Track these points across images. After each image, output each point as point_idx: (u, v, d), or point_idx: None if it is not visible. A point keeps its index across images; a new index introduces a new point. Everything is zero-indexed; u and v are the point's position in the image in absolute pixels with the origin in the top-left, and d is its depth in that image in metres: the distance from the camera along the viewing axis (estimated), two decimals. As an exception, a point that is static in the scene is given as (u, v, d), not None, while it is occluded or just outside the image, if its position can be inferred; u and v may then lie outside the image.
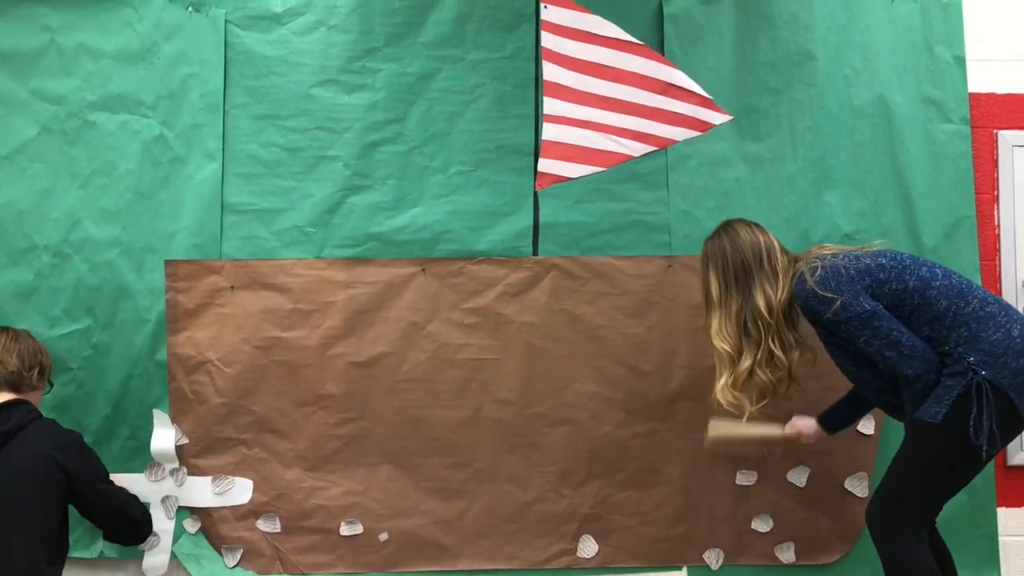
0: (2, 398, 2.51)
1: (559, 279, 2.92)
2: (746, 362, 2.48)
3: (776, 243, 2.52)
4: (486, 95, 2.96)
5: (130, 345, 2.86)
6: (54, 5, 2.95)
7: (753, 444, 2.78)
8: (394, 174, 2.95)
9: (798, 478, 2.90)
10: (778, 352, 2.47)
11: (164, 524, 2.82)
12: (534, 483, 2.90)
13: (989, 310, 2.30)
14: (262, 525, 2.88)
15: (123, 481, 2.74)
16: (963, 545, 2.66)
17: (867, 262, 2.38)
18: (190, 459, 2.87)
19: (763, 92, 2.99)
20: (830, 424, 2.69)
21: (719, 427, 2.72)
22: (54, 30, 2.95)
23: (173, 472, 2.86)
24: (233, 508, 2.88)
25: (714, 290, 2.52)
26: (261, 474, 2.88)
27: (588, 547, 2.90)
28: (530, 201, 2.93)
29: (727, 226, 2.56)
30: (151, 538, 2.79)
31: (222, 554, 2.87)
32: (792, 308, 2.48)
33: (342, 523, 2.88)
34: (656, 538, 2.89)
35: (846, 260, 2.39)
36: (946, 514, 2.51)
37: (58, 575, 2.48)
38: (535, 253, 2.93)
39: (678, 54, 2.93)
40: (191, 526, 2.87)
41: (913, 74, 3.01)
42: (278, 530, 2.88)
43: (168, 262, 2.88)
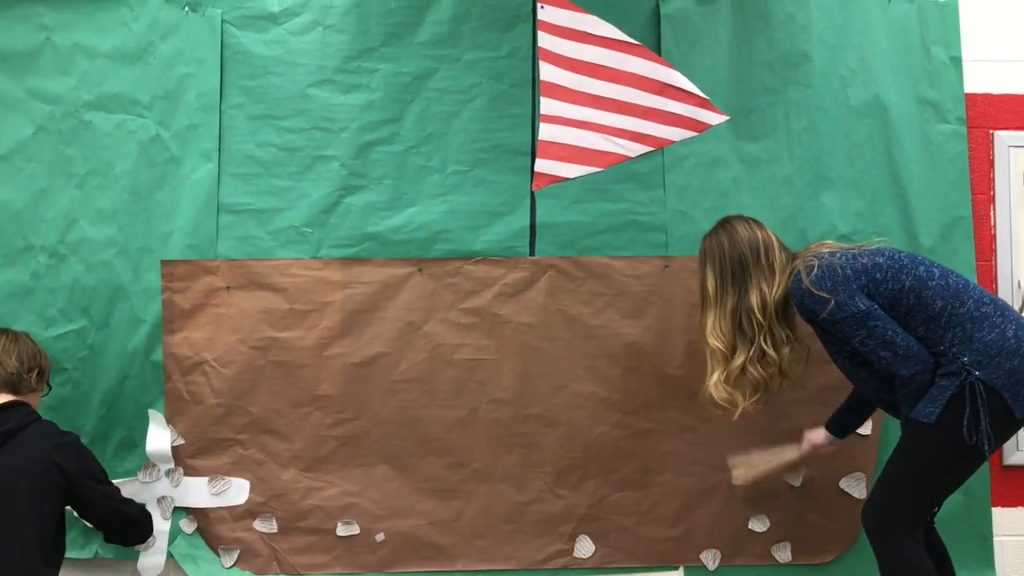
0: (1, 399, 2.50)
1: (556, 279, 2.92)
2: (739, 359, 2.48)
3: (775, 239, 2.51)
4: (483, 95, 2.96)
5: (126, 345, 2.85)
6: (50, 4, 2.93)
7: (780, 474, 2.79)
8: (391, 174, 2.94)
9: (795, 478, 2.90)
10: (769, 350, 2.48)
11: (160, 524, 2.81)
12: (531, 483, 2.90)
13: (984, 310, 2.30)
14: (259, 525, 2.88)
15: (118, 483, 2.73)
16: (958, 545, 2.66)
17: (864, 261, 2.38)
18: (186, 459, 2.87)
19: (759, 92, 2.99)
20: (838, 428, 2.68)
21: (741, 473, 2.73)
22: (50, 29, 2.93)
23: (169, 472, 2.85)
24: (230, 508, 2.87)
25: (711, 287, 2.51)
26: (257, 474, 2.88)
27: (585, 547, 2.90)
28: (527, 201, 2.92)
29: (725, 223, 2.56)
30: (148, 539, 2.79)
31: (219, 554, 2.87)
32: (788, 305, 2.48)
33: (339, 523, 2.88)
34: (653, 538, 2.89)
35: (843, 259, 2.39)
36: (942, 514, 2.53)
37: (54, 576, 2.48)
38: (532, 253, 2.92)
39: (675, 54, 2.92)
40: (187, 526, 2.86)
41: (909, 74, 3.01)
42: (275, 530, 2.88)
43: (164, 262, 2.88)
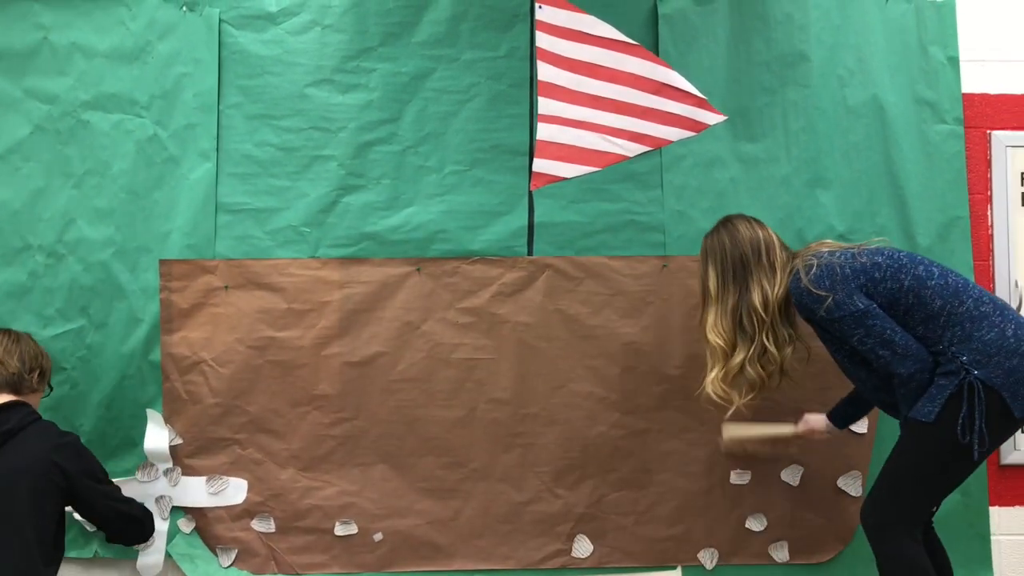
0: (2, 399, 2.50)
1: (554, 279, 2.92)
2: (738, 357, 2.49)
3: (775, 238, 2.52)
4: (481, 95, 2.96)
5: (124, 345, 2.85)
6: (47, 3, 2.93)
7: (768, 442, 2.79)
8: (389, 174, 2.94)
9: (792, 477, 2.90)
10: (771, 348, 2.48)
11: (159, 524, 2.81)
12: (529, 483, 2.90)
13: (984, 310, 2.30)
14: (257, 525, 2.88)
15: (117, 482, 2.72)
16: (956, 544, 2.66)
17: (863, 260, 2.38)
18: (184, 459, 2.87)
19: (757, 92, 2.99)
20: (838, 419, 2.69)
21: (732, 429, 2.73)
22: (47, 28, 2.93)
23: (167, 472, 2.85)
24: (228, 508, 2.87)
25: (712, 285, 2.52)
26: (255, 474, 2.88)
27: (583, 547, 2.90)
28: (525, 201, 2.93)
29: (727, 221, 2.57)
30: (145, 538, 2.79)
31: (217, 554, 2.87)
32: (789, 304, 2.48)
33: (337, 523, 2.88)
34: (651, 538, 2.90)
35: (842, 258, 2.39)
36: (940, 513, 2.53)
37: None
38: (530, 253, 2.92)
39: (672, 54, 2.92)
40: (186, 526, 2.86)
41: (907, 74, 3.02)
42: (273, 530, 2.88)
43: (162, 262, 2.87)
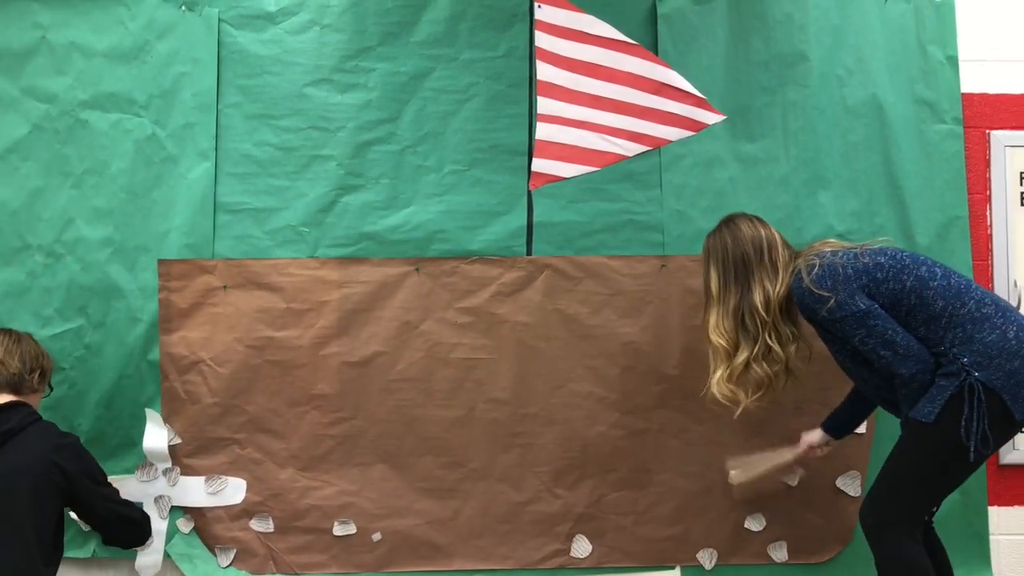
0: (3, 399, 2.50)
1: (553, 279, 2.92)
2: (741, 357, 2.48)
3: (778, 237, 2.51)
4: (480, 94, 2.95)
5: (123, 345, 2.85)
6: (45, 2, 2.93)
7: (777, 475, 2.78)
8: (387, 173, 2.94)
9: (791, 477, 2.90)
10: (775, 347, 2.47)
11: (157, 524, 2.81)
12: (528, 483, 2.90)
13: (985, 311, 2.29)
14: (255, 525, 2.88)
15: (116, 482, 2.72)
16: (955, 544, 2.66)
17: (866, 261, 2.38)
18: (183, 459, 2.87)
19: (756, 92, 2.99)
20: (835, 429, 2.68)
21: (738, 474, 2.73)
22: (45, 28, 2.93)
23: (166, 472, 2.85)
24: (226, 508, 2.87)
25: (714, 285, 2.52)
26: (254, 474, 2.88)
27: (582, 547, 2.90)
28: (524, 201, 2.92)
29: (729, 220, 2.56)
30: (144, 538, 2.79)
31: (215, 554, 2.87)
32: (791, 303, 2.48)
33: (335, 523, 2.88)
34: (650, 538, 2.90)
35: (844, 258, 2.39)
36: (939, 513, 2.53)
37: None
38: (529, 253, 2.92)
39: (671, 54, 2.92)
40: (184, 526, 2.86)
41: (906, 74, 3.02)
42: (271, 530, 2.88)
43: (161, 261, 2.87)
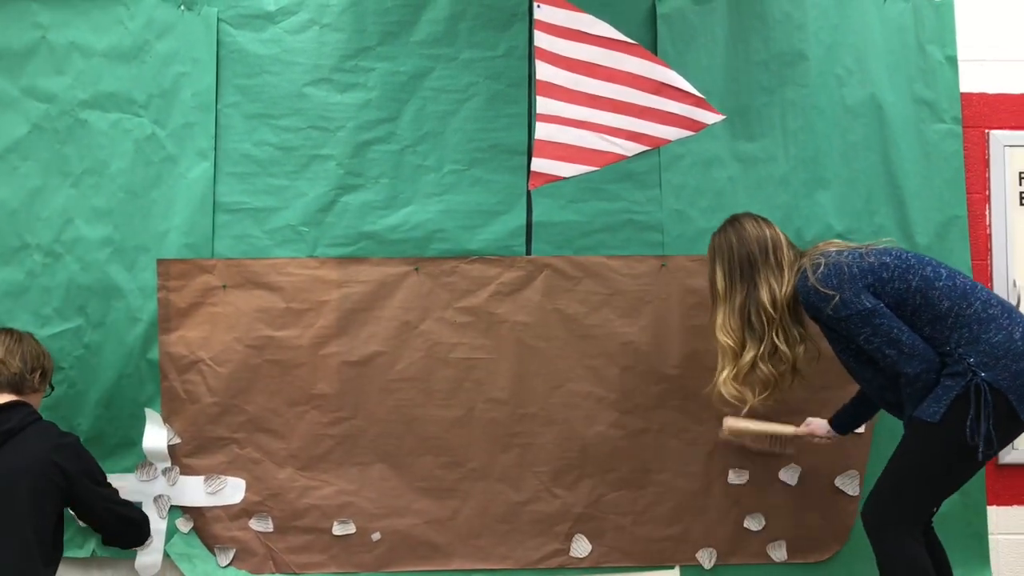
0: (3, 399, 2.50)
1: (552, 278, 2.92)
2: (748, 355, 2.48)
3: (783, 237, 2.52)
4: (479, 94, 2.96)
5: (122, 344, 2.85)
6: (45, 2, 2.93)
7: (767, 439, 2.78)
8: (387, 173, 2.94)
9: (790, 476, 2.90)
10: (782, 346, 2.47)
11: (156, 524, 2.81)
12: (527, 483, 2.90)
13: (991, 312, 2.29)
14: (255, 524, 2.88)
15: (115, 481, 2.72)
16: (955, 543, 2.66)
17: (871, 260, 2.38)
18: (182, 458, 2.87)
19: (756, 92, 2.99)
20: (840, 427, 2.69)
21: (734, 422, 2.72)
22: (45, 27, 2.93)
23: (165, 471, 2.85)
24: (226, 507, 2.87)
25: (719, 284, 2.52)
26: (254, 473, 2.88)
27: (581, 547, 2.90)
28: (523, 200, 2.92)
29: (734, 220, 2.57)
30: (143, 538, 2.79)
31: (215, 553, 2.87)
32: (798, 303, 2.48)
33: (335, 523, 2.88)
34: (649, 538, 2.90)
35: (850, 257, 2.39)
36: (938, 513, 2.52)
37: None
38: (528, 252, 2.92)
39: (671, 54, 2.92)
40: (184, 525, 2.86)
41: (905, 74, 3.02)
42: (271, 530, 2.88)
43: (160, 261, 2.87)
